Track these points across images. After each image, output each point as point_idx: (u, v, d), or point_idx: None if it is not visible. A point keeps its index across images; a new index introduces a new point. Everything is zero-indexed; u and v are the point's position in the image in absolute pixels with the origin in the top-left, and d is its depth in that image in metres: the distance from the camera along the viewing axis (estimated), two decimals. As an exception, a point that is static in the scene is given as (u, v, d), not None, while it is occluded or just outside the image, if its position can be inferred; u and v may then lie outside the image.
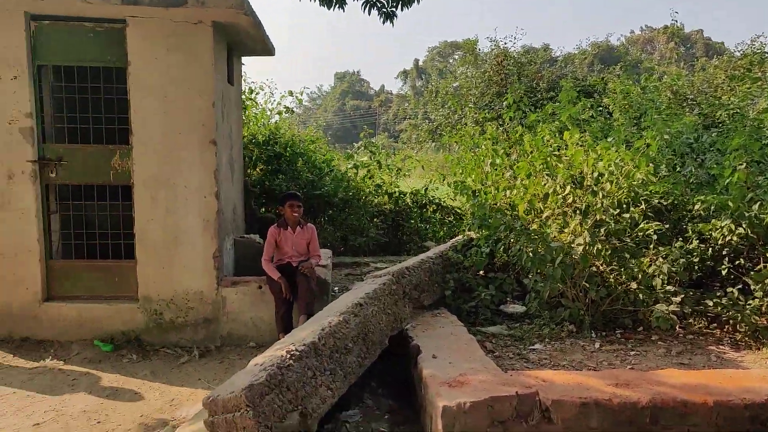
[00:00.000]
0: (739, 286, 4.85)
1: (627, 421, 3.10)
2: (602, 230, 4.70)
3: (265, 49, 6.40)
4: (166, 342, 5.10)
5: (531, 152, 5.57)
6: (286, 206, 5.16)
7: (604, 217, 4.78)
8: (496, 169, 5.93)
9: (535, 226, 5.00)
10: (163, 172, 5.01)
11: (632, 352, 4.40)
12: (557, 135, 5.73)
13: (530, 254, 4.68)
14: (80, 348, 4.94)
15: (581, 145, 5.19)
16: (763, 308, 4.63)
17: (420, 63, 59.81)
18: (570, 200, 4.93)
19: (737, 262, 5.05)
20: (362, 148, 9.98)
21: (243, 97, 7.81)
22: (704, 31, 60.81)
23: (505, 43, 14.40)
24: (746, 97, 8.78)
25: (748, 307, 4.64)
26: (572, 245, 4.68)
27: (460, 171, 6.47)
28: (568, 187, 4.87)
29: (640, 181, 4.99)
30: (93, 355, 4.85)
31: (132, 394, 4.16)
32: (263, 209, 8.01)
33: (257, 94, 9.42)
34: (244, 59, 7.07)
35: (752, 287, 4.68)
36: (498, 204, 5.49)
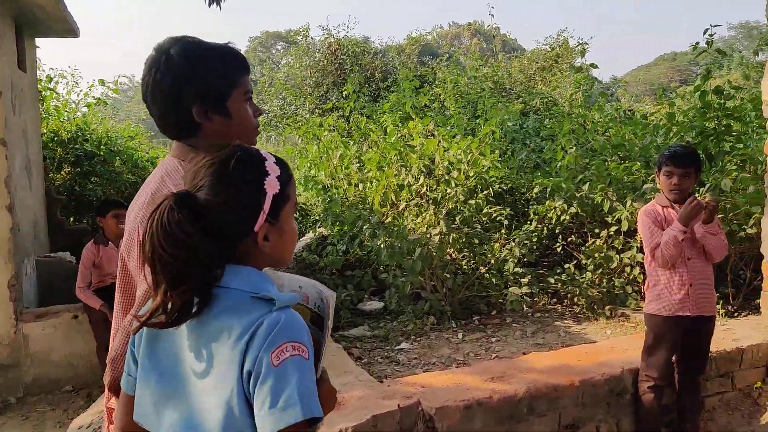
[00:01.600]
0: (574, 262, 5.15)
1: (507, 415, 3.02)
2: (457, 219, 4.67)
3: (67, 29, 5.38)
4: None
5: (378, 143, 5.38)
6: (108, 217, 4.25)
7: (455, 205, 4.76)
8: (344, 162, 5.65)
9: (390, 219, 4.82)
10: (-68, 182, 3.91)
11: (493, 339, 4.42)
12: (401, 124, 5.62)
13: (388, 248, 4.49)
14: None
15: (432, 135, 5.12)
16: (596, 281, 4.97)
17: (242, 53, 57.63)
18: (423, 190, 4.83)
19: (569, 240, 5.38)
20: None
21: (39, 86, 6.59)
22: (500, 28, 67.12)
23: (338, 32, 14.22)
24: (557, 86, 9.65)
25: (582, 281, 4.93)
26: (429, 236, 4.58)
27: (308, 165, 6.08)
28: (422, 178, 4.76)
29: (485, 169, 5.06)
30: None
31: None
32: (72, 219, 6.87)
33: (57, 83, 8.06)
34: (39, 41, 5.94)
35: (584, 262, 4.99)
36: (350, 199, 5.23)
